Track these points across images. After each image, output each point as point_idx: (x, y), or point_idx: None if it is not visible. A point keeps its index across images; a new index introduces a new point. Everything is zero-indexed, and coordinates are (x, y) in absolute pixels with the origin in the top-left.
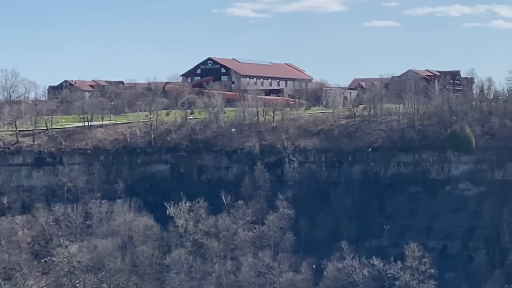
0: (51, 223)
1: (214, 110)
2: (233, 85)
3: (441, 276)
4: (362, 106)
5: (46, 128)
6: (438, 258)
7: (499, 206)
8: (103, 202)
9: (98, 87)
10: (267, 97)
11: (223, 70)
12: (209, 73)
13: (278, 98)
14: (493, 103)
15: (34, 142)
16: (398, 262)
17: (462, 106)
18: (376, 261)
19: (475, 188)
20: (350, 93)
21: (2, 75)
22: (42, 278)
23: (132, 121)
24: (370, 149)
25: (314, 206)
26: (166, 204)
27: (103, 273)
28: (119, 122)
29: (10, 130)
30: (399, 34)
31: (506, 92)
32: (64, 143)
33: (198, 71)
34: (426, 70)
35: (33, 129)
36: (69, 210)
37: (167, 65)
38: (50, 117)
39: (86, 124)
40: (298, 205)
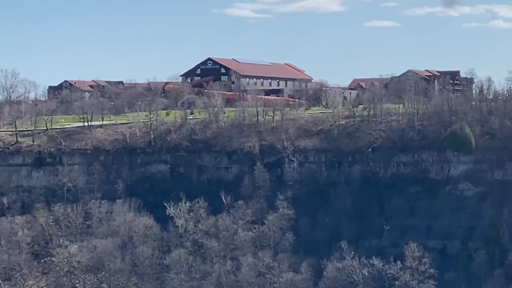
0: (51, 223)
1: (214, 110)
2: (233, 85)
3: (440, 276)
4: (361, 106)
5: (46, 128)
6: (438, 258)
7: (499, 206)
8: (103, 202)
9: (98, 87)
10: (267, 97)
11: (223, 70)
12: (209, 73)
13: (278, 98)
14: (492, 103)
15: (34, 142)
16: (398, 262)
17: (461, 106)
18: (376, 261)
19: (475, 188)
20: (350, 93)
21: (2, 75)
22: (42, 278)
23: (132, 121)
24: (370, 149)
25: (314, 206)
26: (166, 204)
27: (103, 273)
28: (119, 122)
29: (10, 130)
30: (399, 34)
31: (505, 92)
32: (64, 143)
33: (198, 71)
34: (425, 70)
35: (33, 129)
36: (69, 210)
37: (167, 65)
38: (50, 117)
39: (86, 124)
40: (298, 205)
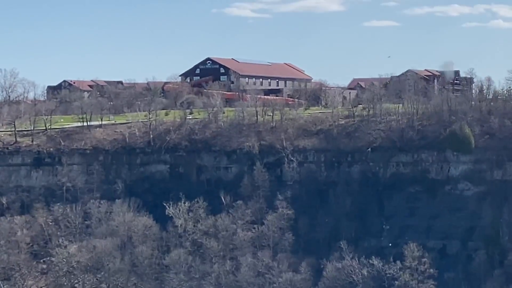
0: (50, 223)
1: (213, 110)
2: (232, 85)
3: (440, 276)
4: (361, 106)
5: (45, 128)
6: (438, 258)
7: (499, 206)
8: (102, 202)
9: (97, 87)
10: (266, 97)
11: (222, 70)
12: (208, 73)
13: (277, 98)
14: (492, 103)
15: (33, 142)
16: (398, 262)
17: (461, 106)
18: (375, 261)
19: (475, 188)
20: (349, 93)
21: (1, 75)
22: (41, 278)
23: (131, 121)
24: (369, 149)
25: (313, 206)
26: (165, 204)
27: (102, 273)
28: (118, 122)
29: (9, 130)
30: (398, 34)
31: (505, 91)
32: (63, 143)
33: (197, 71)
34: (425, 70)
35: (32, 129)
36: (68, 210)
37: (166, 65)
38: (49, 117)
39: (85, 124)
40: (297, 205)
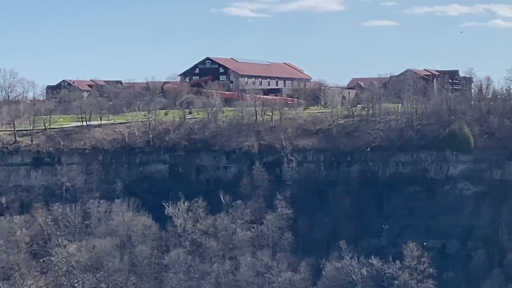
0: (50, 223)
1: (212, 110)
2: (231, 84)
3: (439, 275)
4: (360, 105)
5: (44, 127)
6: (437, 257)
7: (498, 205)
8: (102, 201)
9: (96, 87)
10: (266, 96)
11: (222, 70)
12: (207, 72)
13: (277, 97)
14: (491, 103)
15: (32, 142)
16: (397, 261)
17: (460, 105)
18: (374, 260)
19: (474, 187)
20: (349, 92)
21: (0, 75)
22: (40, 278)
23: (130, 120)
24: (369, 148)
25: (313, 205)
26: (164, 203)
27: (102, 272)
28: (118, 121)
29: (9, 129)
30: (398, 33)
31: (504, 91)
32: (62, 143)
33: (197, 71)
34: (424, 69)
35: (31, 128)
36: (67, 210)
37: (166, 64)
38: (48, 116)
39: (85, 124)
40: (296, 204)
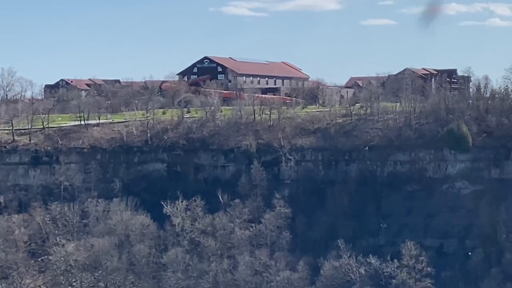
0: (48, 222)
1: (210, 109)
2: (229, 83)
3: (437, 274)
4: (358, 104)
5: (42, 127)
6: (435, 256)
7: (496, 204)
8: (100, 201)
9: (94, 86)
10: (264, 95)
11: (220, 69)
12: (205, 71)
13: (275, 96)
14: (489, 102)
15: (30, 141)
16: (395, 260)
17: (458, 104)
18: (372, 259)
19: (472, 186)
20: (347, 91)
21: None
22: (39, 277)
23: (128, 120)
24: (367, 147)
25: (311, 204)
26: (162, 203)
27: (100, 271)
28: (116, 121)
29: (7, 129)
30: (396, 32)
31: (502, 90)
32: (60, 142)
33: (195, 70)
34: (422, 68)
35: (29, 128)
36: (65, 209)
37: (164, 63)
38: (47, 116)
39: (83, 123)
40: (294, 203)
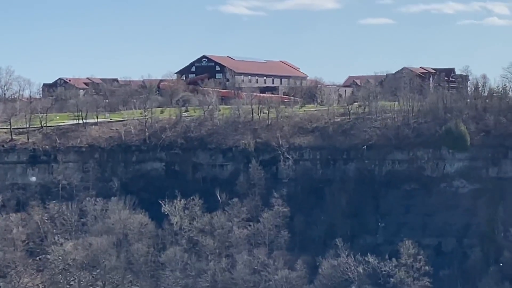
0: (46, 221)
1: (209, 108)
2: (227, 82)
3: (435, 273)
4: (357, 103)
5: (40, 126)
6: (433, 255)
7: (494, 203)
8: (98, 199)
9: (92, 85)
10: (262, 94)
11: (218, 68)
12: (203, 70)
13: (273, 95)
14: (487, 100)
15: (28, 140)
16: (393, 259)
17: (457, 103)
18: (371, 258)
19: (470, 185)
20: (345, 90)
21: None
22: (37, 276)
23: (126, 118)
24: (365, 146)
25: (309, 203)
26: (161, 201)
27: (98, 270)
28: (114, 119)
29: (5, 127)
30: (394, 31)
31: (500, 89)
32: (58, 141)
33: (193, 69)
34: (420, 67)
35: (27, 127)
36: (64, 208)
37: (162, 62)
38: (45, 114)
39: (81, 121)
40: (293, 202)
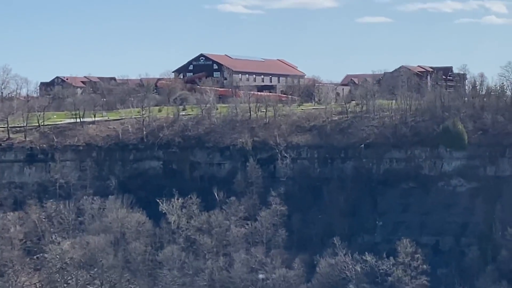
0: (43, 220)
1: (206, 106)
2: (225, 81)
3: (433, 272)
4: (354, 102)
5: (38, 124)
6: (431, 254)
7: (492, 202)
8: (95, 198)
9: (90, 83)
10: (260, 93)
11: (215, 66)
12: (201, 69)
13: (271, 94)
14: (485, 99)
15: (26, 138)
16: (391, 258)
17: (454, 102)
18: (368, 257)
19: (468, 184)
20: (343, 89)
21: None
22: (34, 275)
23: (124, 117)
24: (363, 145)
25: (307, 202)
26: (158, 200)
27: (96, 269)
28: (111, 118)
29: (2, 126)
30: (391, 30)
31: (498, 88)
32: (56, 140)
33: (190, 67)
34: (418, 66)
35: (24, 125)
36: (61, 206)
37: (159, 61)
38: (42, 113)
39: (78, 120)
40: (290, 201)
